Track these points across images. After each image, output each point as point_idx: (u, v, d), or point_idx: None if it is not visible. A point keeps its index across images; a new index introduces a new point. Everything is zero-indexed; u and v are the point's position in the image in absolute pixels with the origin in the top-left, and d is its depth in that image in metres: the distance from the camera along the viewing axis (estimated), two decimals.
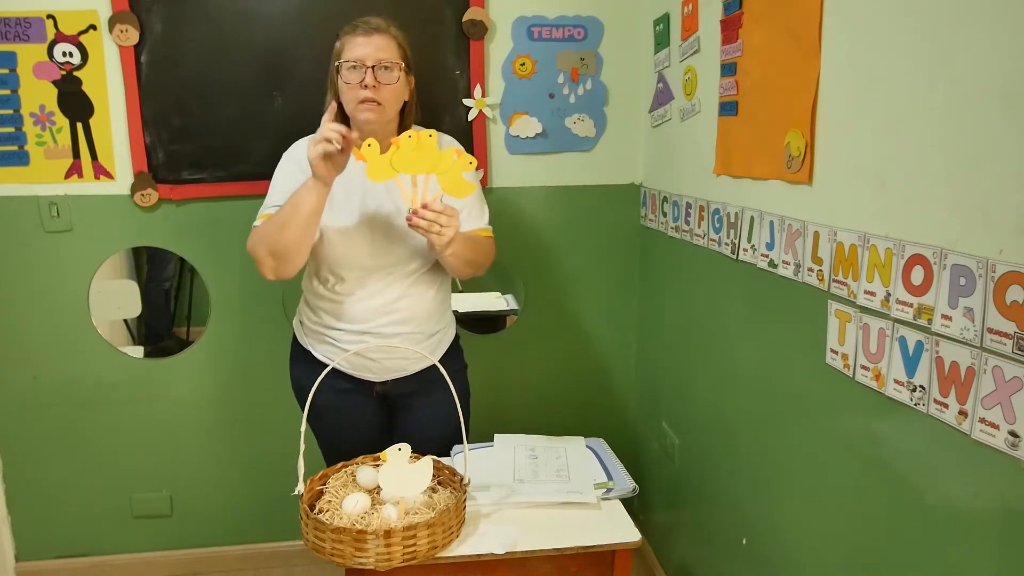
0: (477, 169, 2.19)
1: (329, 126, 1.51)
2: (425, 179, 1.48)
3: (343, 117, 1.65)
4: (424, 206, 1.48)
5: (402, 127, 1.68)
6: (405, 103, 1.68)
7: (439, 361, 1.71)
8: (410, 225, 1.50)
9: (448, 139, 1.77)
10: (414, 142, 1.45)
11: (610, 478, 1.62)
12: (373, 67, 1.57)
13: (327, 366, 1.49)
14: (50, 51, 2.01)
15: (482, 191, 1.83)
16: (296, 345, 1.84)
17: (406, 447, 1.38)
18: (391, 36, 1.63)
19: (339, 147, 1.50)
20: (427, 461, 1.39)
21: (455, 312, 1.91)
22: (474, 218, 1.74)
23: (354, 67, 1.58)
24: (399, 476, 1.36)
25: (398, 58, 1.61)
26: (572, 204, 2.29)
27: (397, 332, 1.70)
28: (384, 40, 1.61)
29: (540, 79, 2.18)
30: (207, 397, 2.27)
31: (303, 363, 1.79)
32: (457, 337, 1.89)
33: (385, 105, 1.60)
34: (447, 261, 1.63)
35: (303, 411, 1.42)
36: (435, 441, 1.72)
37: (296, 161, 1.69)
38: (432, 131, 1.49)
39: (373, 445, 1.67)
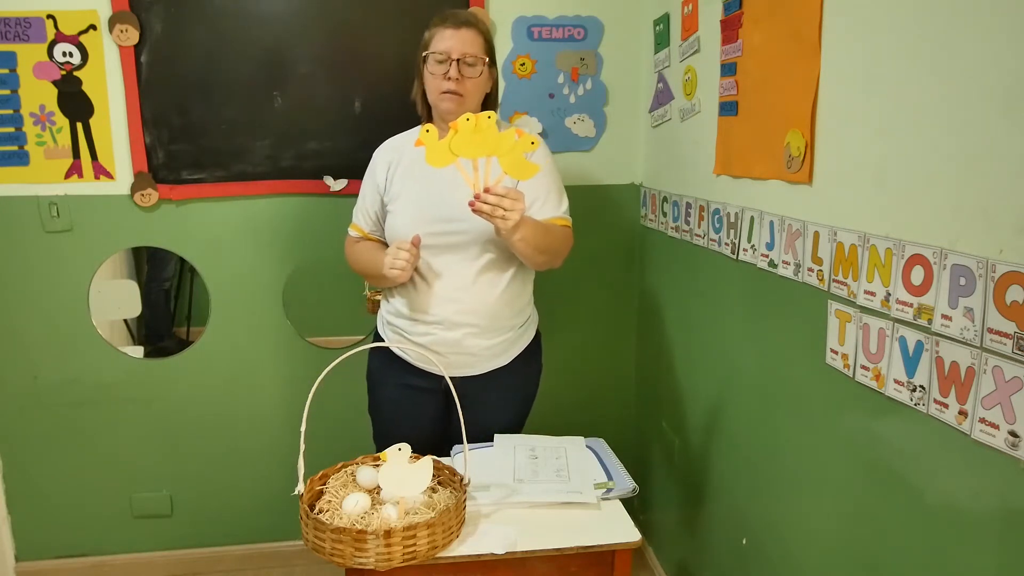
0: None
1: (400, 255, 1.58)
2: (486, 162, 1.42)
3: (426, 105, 1.71)
4: (487, 190, 1.43)
5: None
6: (487, 95, 1.71)
7: (515, 360, 1.76)
8: (473, 210, 1.45)
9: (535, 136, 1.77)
10: (472, 125, 1.40)
11: (610, 478, 1.62)
12: (458, 60, 1.61)
13: (399, 360, 1.62)
14: (50, 51, 2.01)
15: (561, 182, 1.78)
16: (376, 337, 1.86)
17: (406, 447, 1.38)
18: (478, 31, 1.66)
19: (410, 269, 1.59)
20: (427, 461, 1.39)
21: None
22: (550, 206, 1.69)
23: (440, 59, 1.62)
24: (399, 476, 1.36)
25: (483, 53, 1.65)
26: (572, 204, 2.27)
27: (463, 322, 1.66)
28: (471, 34, 1.64)
29: (540, 79, 2.18)
30: (207, 397, 2.27)
31: (378, 351, 1.80)
32: (538, 337, 1.85)
33: (466, 97, 1.63)
34: (516, 247, 1.57)
35: (371, 402, 1.55)
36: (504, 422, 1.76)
37: (373, 164, 1.78)
38: (491, 112, 1.43)
39: (429, 444, 1.66)
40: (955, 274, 0.96)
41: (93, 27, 2.01)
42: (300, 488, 1.39)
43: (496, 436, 1.82)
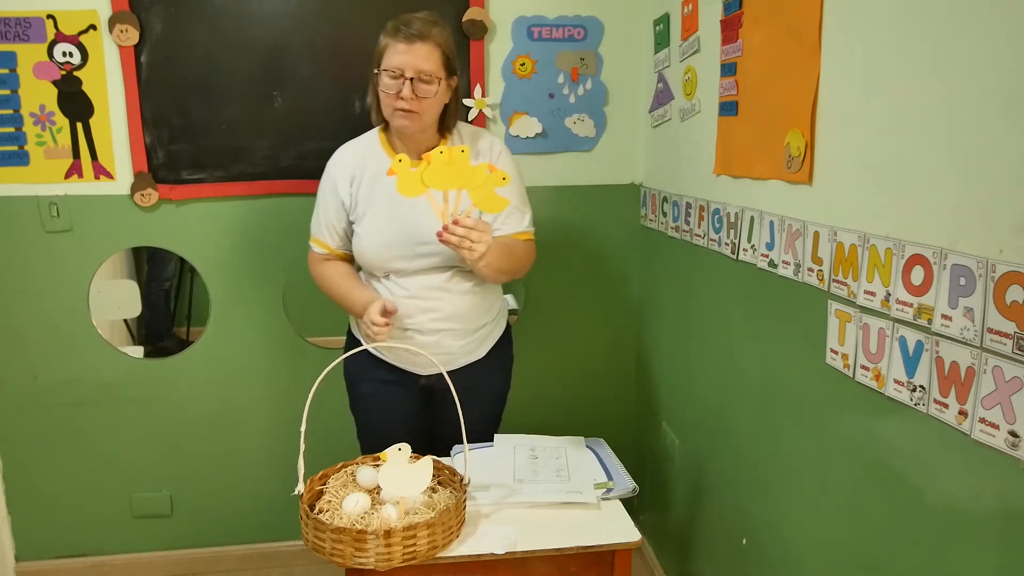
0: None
1: (375, 327, 1.58)
2: (457, 194, 1.46)
3: (381, 114, 1.66)
4: (455, 221, 1.47)
5: (442, 127, 1.68)
6: (447, 105, 1.66)
7: (487, 354, 1.78)
8: (441, 241, 1.49)
9: (489, 135, 1.77)
10: (445, 158, 1.42)
11: (610, 478, 1.62)
12: (412, 79, 1.54)
13: (376, 357, 1.60)
14: (50, 51, 2.01)
15: (525, 191, 1.79)
16: (349, 336, 1.87)
17: (406, 447, 1.38)
18: (434, 44, 1.57)
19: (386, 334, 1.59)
20: (427, 461, 1.39)
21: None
22: (513, 221, 1.71)
23: (393, 76, 1.55)
24: (399, 476, 1.36)
25: (439, 67, 1.58)
26: (572, 204, 2.29)
27: (440, 328, 1.69)
28: (426, 49, 1.55)
29: (540, 79, 2.18)
30: (207, 397, 2.27)
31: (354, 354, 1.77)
32: (508, 329, 1.88)
33: (422, 114, 1.58)
34: (481, 272, 1.62)
35: (351, 400, 1.50)
36: (477, 432, 1.71)
37: (330, 178, 1.73)
38: (465, 147, 1.46)
39: (411, 438, 1.67)
40: (955, 274, 0.96)
41: (93, 27, 2.01)
42: (300, 488, 1.39)
43: (496, 436, 1.82)
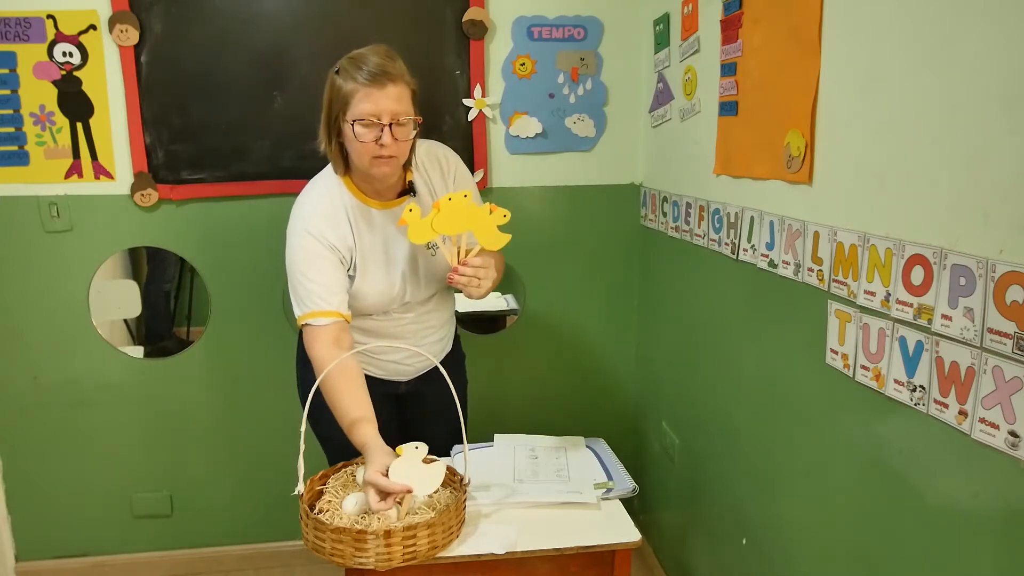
0: (476, 170, 2.19)
1: (379, 509, 1.35)
2: (463, 237, 1.53)
3: (342, 158, 1.57)
4: (463, 263, 1.51)
5: (407, 161, 1.62)
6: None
7: (449, 353, 1.84)
8: (450, 283, 1.53)
9: (440, 148, 1.73)
10: (453, 204, 1.50)
11: (610, 478, 1.62)
12: (390, 124, 1.46)
13: None
14: (50, 51, 2.01)
15: (481, 197, 1.80)
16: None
17: (423, 446, 1.38)
18: (404, 83, 1.49)
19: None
20: (441, 465, 1.40)
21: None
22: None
23: (368, 124, 1.45)
24: (412, 474, 1.37)
25: (411, 107, 1.51)
26: (572, 204, 2.29)
27: (428, 340, 1.75)
28: (398, 90, 1.47)
29: (540, 79, 2.18)
30: (207, 397, 2.27)
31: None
32: (456, 326, 1.94)
33: (399, 157, 1.52)
34: (476, 298, 1.64)
35: (312, 415, 1.39)
36: (448, 424, 1.67)
37: (318, 241, 1.56)
38: (467, 191, 1.51)
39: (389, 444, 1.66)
40: (955, 274, 0.96)
41: (93, 27, 2.01)
42: (300, 488, 1.39)
43: (496, 436, 1.82)
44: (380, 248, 1.63)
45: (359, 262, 1.61)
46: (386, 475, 1.36)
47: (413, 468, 1.37)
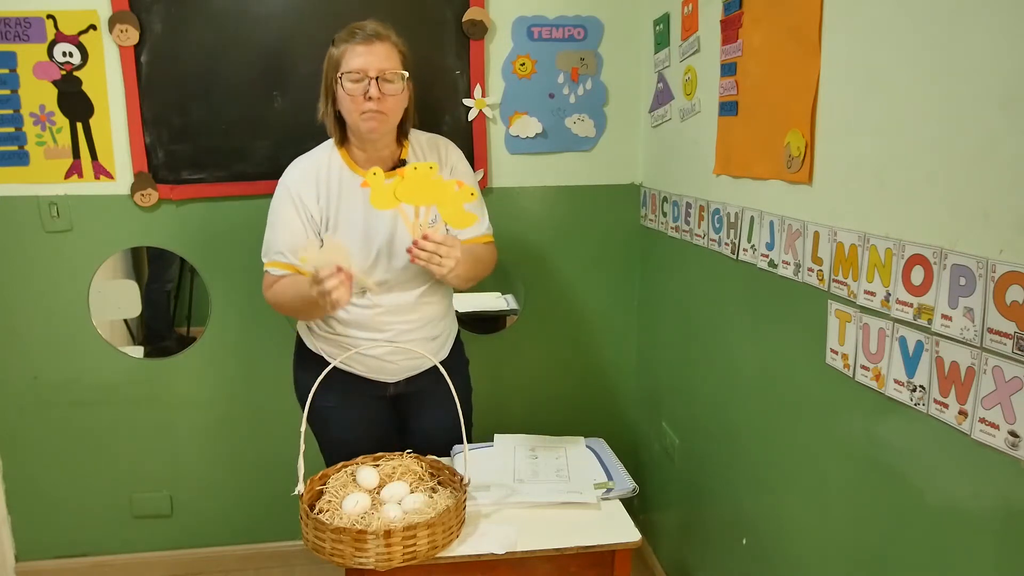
0: (476, 170, 2.19)
1: (330, 281, 1.42)
2: (427, 210, 1.50)
3: (338, 126, 1.65)
4: (425, 237, 1.48)
5: (400, 133, 1.68)
6: (406, 110, 1.66)
7: (447, 357, 1.79)
8: (411, 258, 1.50)
9: (444, 141, 1.76)
10: (418, 174, 1.48)
11: (610, 478, 1.62)
12: (377, 78, 1.55)
13: (342, 369, 1.51)
14: (50, 51, 2.01)
15: (482, 195, 1.82)
16: (304, 350, 1.81)
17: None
18: (392, 43, 1.59)
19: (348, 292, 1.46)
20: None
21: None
22: (473, 227, 1.71)
23: (356, 79, 1.55)
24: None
25: (400, 67, 1.59)
26: (572, 204, 2.29)
27: (413, 337, 1.71)
28: (386, 48, 1.57)
29: (540, 79, 2.18)
30: (207, 397, 2.27)
31: (314, 367, 1.65)
32: (459, 332, 1.91)
33: (389, 115, 1.59)
34: (449, 282, 1.65)
35: (309, 415, 1.41)
36: (447, 431, 1.71)
37: (292, 195, 1.65)
38: (434, 164, 1.50)
39: (380, 447, 1.66)
40: (955, 274, 0.96)
41: (93, 27, 2.01)
42: (300, 488, 1.39)
43: (496, 436, 1.82)
44: (360, 216, 1.63)
45: (332, 226, 1.64)
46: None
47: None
